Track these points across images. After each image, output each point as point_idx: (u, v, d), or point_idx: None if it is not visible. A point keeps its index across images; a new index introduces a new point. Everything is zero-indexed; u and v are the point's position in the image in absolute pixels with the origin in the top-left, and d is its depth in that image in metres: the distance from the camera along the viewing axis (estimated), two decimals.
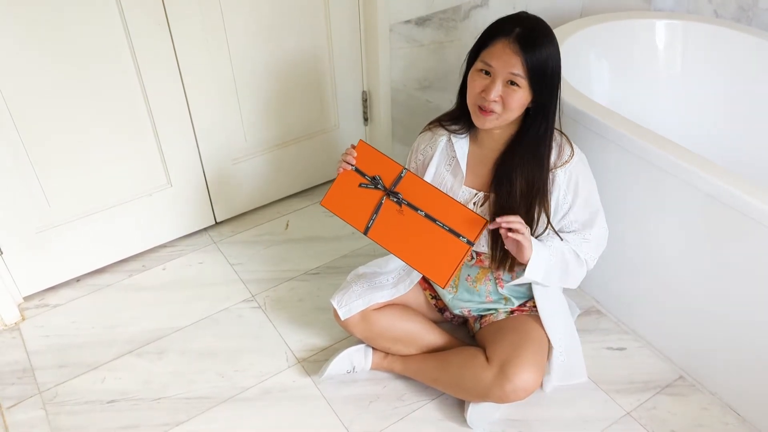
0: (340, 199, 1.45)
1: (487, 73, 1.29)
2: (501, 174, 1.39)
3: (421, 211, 1.38)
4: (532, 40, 1.25)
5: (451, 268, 1.35)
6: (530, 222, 1.38)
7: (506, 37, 1.26)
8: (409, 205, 1.39)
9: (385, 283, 1.57)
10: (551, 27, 1.33)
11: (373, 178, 1.41)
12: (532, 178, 1.36)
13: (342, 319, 1.56)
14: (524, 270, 1.34)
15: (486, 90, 1.29)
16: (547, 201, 1.38)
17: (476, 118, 1.35)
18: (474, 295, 1.56)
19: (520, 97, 1.29)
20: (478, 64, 1.31)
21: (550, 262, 1.38)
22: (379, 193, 1.41)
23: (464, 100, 1.38)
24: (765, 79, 1.91)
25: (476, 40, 1.34)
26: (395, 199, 1.39)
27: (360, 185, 1.42)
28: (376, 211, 1.41)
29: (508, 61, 1.26)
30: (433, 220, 1.37)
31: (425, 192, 1.39)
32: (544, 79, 1.28)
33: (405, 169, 1.40)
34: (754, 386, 1.51)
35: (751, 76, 1.94)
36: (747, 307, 1.45)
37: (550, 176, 1.38)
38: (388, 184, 1.40)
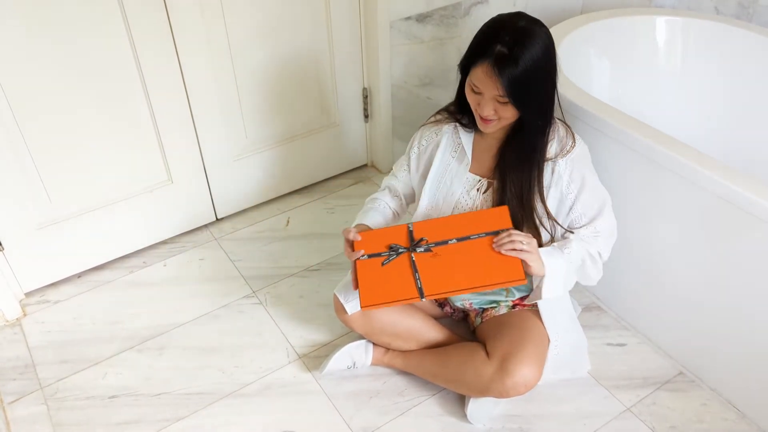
0: (375, 289, 1.34)
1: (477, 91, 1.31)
2: (502, 163, 1.41)
3: (451, 240, 1.35)
4: (512, 60, 1.23)
5: (516, 260, 1.31)
6: (536, 218, 1.39)
7: (487, 60, 1.25)
8: (437, 243, 1.35)
9: None
10: (551, 24, 1.33)
11: (390, 248, 1.37)
12: (529, 170, 1.37)
13: (349, 313, 1.55)
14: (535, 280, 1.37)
15: (480, 106, 1.32)
16: (543, 192, 1.39)
17: (479, 124, 1.37)
18: None
19: (512, 109, 1.30)
20: (469, 81, 1.32)
21: (569, 274, 1.39)
22: (406, 255, 1.36)
23: (463, 100, 1.40)
24: (765, 76, 1.91)
25: (469, 44, 1.33)
26: (422, 249, 1.36)
27: (383, 264, 1.36)
28: (415, 270, 1.34)
29: (489, 85, 1.27)
30: (467, 238, 1.34)
31: (440, 225, 1.37)
32: (528, 93, 1.27)
33: (409, 223, 1.38)
34: (754, 382, 1.51)
35: (751, 73, 1.94)
36: (747, 303, 1.45)
37: (551, 166, 1.39)
38: (405, 243, 1.37)
